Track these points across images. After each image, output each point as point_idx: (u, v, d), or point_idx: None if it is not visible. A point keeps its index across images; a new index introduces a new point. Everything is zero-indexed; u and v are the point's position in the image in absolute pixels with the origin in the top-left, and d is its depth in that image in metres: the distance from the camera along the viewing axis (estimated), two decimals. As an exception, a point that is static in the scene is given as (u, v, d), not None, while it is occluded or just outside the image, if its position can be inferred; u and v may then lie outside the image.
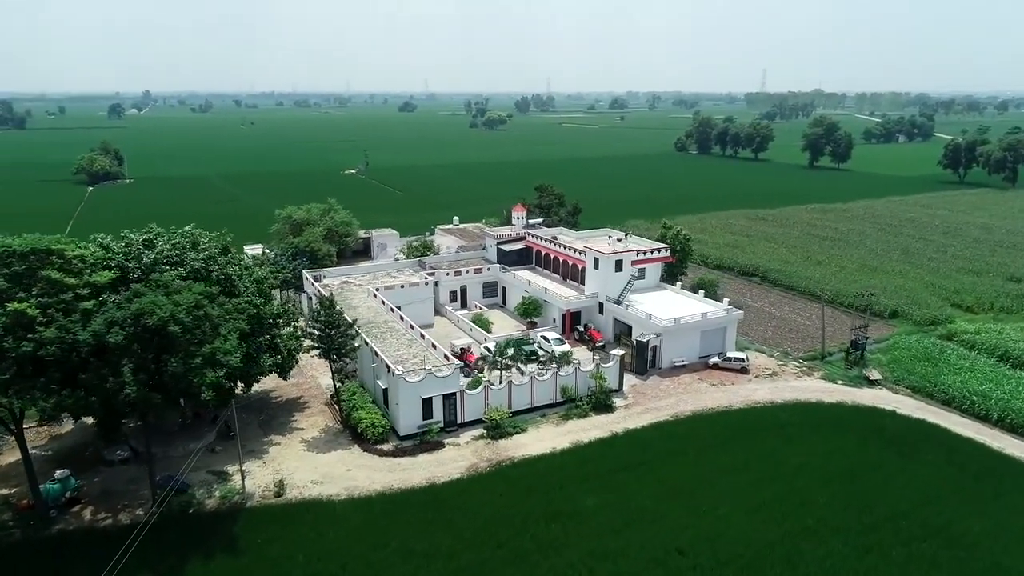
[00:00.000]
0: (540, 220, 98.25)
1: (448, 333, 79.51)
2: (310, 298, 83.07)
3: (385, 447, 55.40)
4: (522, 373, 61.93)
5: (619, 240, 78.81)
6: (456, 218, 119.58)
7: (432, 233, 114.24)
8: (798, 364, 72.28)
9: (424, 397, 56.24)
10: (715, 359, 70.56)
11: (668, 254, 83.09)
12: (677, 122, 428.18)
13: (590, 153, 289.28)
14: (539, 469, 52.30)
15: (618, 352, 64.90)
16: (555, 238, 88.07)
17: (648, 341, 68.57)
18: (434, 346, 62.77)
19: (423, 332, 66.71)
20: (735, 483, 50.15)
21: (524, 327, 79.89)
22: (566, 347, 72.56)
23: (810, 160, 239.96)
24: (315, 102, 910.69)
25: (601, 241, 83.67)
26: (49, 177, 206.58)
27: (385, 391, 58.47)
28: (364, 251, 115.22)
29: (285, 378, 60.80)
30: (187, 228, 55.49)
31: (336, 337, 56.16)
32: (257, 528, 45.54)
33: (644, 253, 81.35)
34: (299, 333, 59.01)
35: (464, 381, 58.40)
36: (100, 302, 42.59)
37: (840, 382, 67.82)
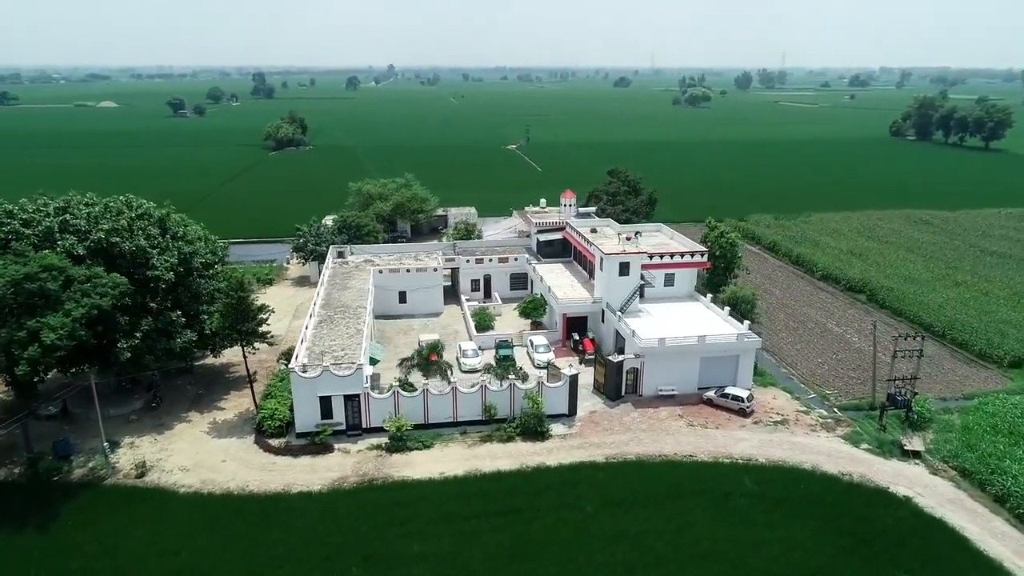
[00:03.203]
0: (593, 209, 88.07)
1: (447, 325, 74.30)
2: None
3: (276, 442, 52.16)
4: (448, 381, 55.04)
5: (628, 239, 67.27)
6: (543, 200, 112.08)
7: (510, 214, 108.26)
8: (825, 413, 56.83)
9: (321, 395, 52.03)
10: (709, 394, 57.78)
11: (703, 259, 69.58)
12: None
13: (785, 135, 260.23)
14: (400, 496, 45.81)
15: (568, 372, 55.25)
16: (594, 231, 78.00)
17: (623, 362, 57.79)
18: (376, 340, 57.97)
19: (365, 325, 61.93)
20: (604, 560, 39.84)
21: (529, 327, 72.03)
22: (550, 355, 64.29)
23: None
24: (536, 76, 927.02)
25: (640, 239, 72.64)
26: (250, 142, 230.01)
27: (297, 382, 55.14)
28: (444, 228, 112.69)
29: (215, 355, 60.17)
30: (123, 197, 56.08)
31: (241, 321, 53.68)
32: (90, 508, 44.78)
33: (672, 256, 69.02)
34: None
35: (369, 383, 53.17)
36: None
37: (864, 447, 51.93)
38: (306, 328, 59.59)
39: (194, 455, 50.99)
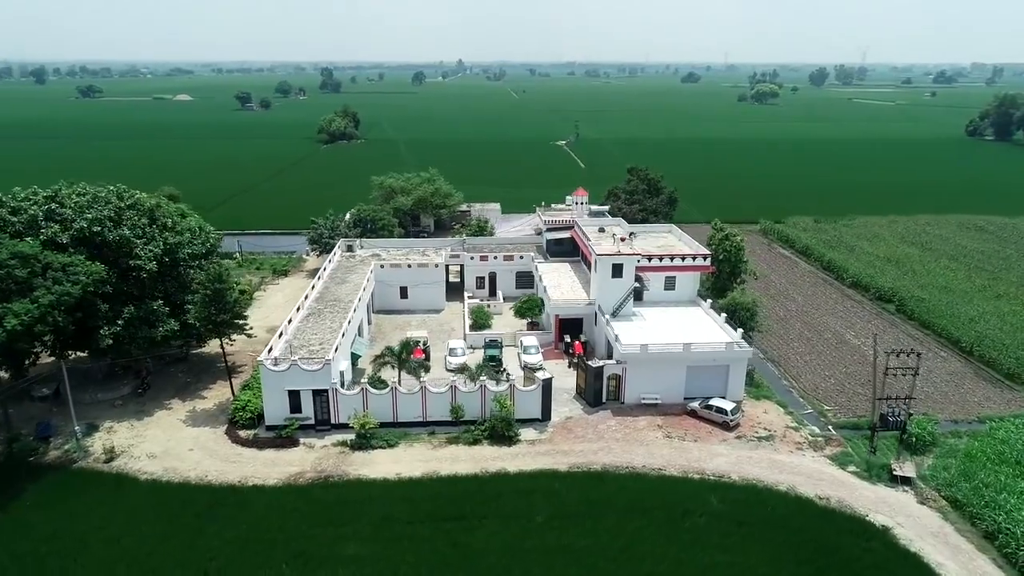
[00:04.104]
0: (605, 207, 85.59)
1: (445, 322, 73.58)
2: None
3: (245, 434, 52.49)
4: (418, 379, 54.15)
5: (623, 240, 64.72)
6: (568, 197, 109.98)
7: (533, 211, 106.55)
8: (818, 431, 53.29)
9: (290, 389, 52.02)
10: (694, 404, 55.05)
11: (706, 263, 66.44)
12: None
13: (850, 134, 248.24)
14: (350, 495, 45.25)
15: (543, 376, 53.56)
16: (601, 230, 75.64)
17: (603, 367, 55.67)
18: (349, 335, 57.59)
19: (346, 320, 61.42)
20: (540, 574, 38.24)
21: (526, 328, 70.59)
22: (538, 357, 62.71)
23: None
24: (604, 72, 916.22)
25: (643, 240, 70.24)
26: (305, 135, 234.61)
27: (271, 374, 55.30)
28: (462, 224, 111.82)
29: (200, 345, 61.01)
30: (113, 187, 57.40)
31: (218, 312, 54.11)
32: (53, 490, 46.00)
33: (672, 259, 66.21)
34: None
35: (340, 378, 52.81)
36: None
37: (850, 469, 48.35)
38: (289, 321, 59.72)
39: (165, 442, 51.79)
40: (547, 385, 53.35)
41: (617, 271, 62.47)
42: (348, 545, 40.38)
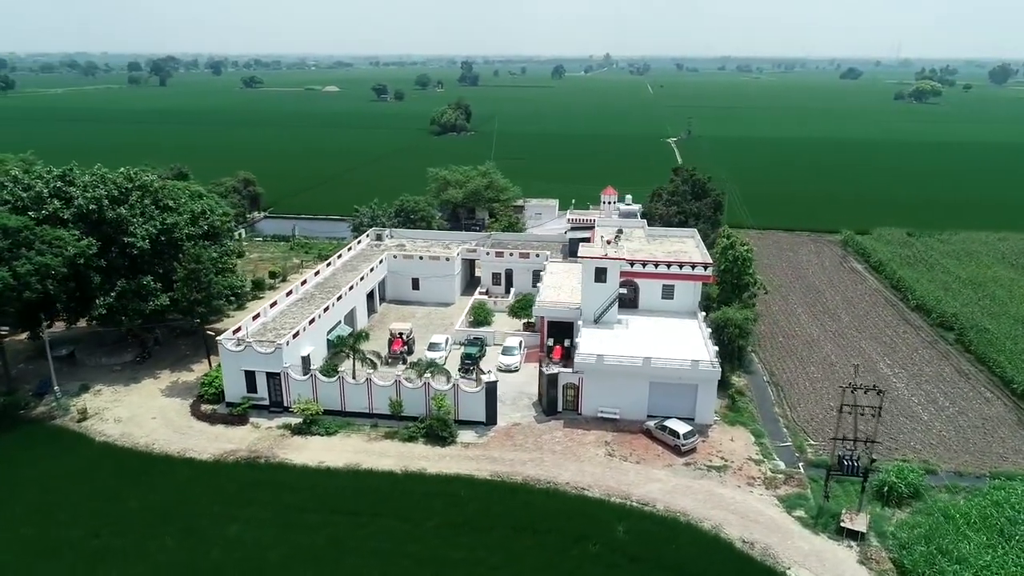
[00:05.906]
0: (637, 208, 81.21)
1: (447, 316, 73.20)
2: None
3: (207, 408, 54.99)
4: (366, 370, 54.08)
5: (609, 242, 60.75)
6: (629, 196, 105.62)
7: (587, 208, 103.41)
8: (782, 466, 47.67)
9: (246, 370, 53.87)
10: (649, 424, 51.02)
11: (707, 272, 61.18)
12: None
13: (1010, 139, 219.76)
14: (266, 477, 46.23)
15: (488, 378, 51.72)
16: (620, 231, 71.93)
17: (558, 375, 52.93)
18: (311, 321, 58.66)
19: (320, 308, 62.20)
20: (394, 581, 37.10)
21: (522, 328, 68.79)
22: (515, 359, 61.10)
23: None
24: (757, 67, 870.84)
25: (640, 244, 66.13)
26: (423, 127, 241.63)
27: (239, 354, 57.48)
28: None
29: (195, 320, 64.36)
30: (123, 169, 61.87)
31: (192, 291, 56.86)
32: (20, 441, 50.71)
33: (668, 266, 61.65)
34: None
35: (289, 364, 53.89)
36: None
37: (796, 514, 42.79)
38: (272, 304, 61.76)
39: (136, 409, 55.33)
40: (491, 388, 51.56)
41: (600, 275, 59.09)
42: (232, 526, 41.17)
